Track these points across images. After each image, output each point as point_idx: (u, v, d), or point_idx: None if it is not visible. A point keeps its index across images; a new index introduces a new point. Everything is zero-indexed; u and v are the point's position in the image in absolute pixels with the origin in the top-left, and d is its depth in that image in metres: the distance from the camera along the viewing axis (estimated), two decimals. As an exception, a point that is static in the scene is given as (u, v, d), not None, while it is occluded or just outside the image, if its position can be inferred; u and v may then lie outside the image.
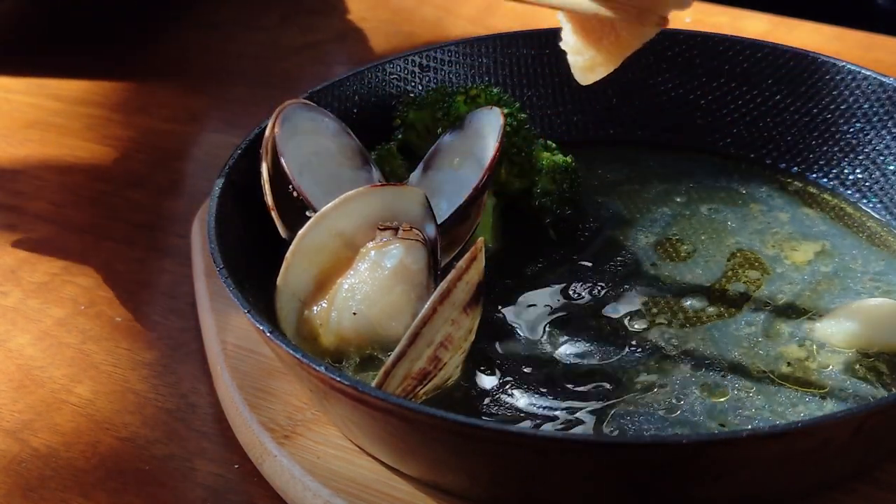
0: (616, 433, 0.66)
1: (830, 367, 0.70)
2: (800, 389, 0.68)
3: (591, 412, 0.68)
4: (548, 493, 0.61)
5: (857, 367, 0.70)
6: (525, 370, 0.71)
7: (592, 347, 0.72)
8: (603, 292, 0.77)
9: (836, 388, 0.68)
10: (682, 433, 0.66)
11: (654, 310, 0.75)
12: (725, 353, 0.71)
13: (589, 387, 0.69)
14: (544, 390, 0.69)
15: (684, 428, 0.66)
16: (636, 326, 0.73)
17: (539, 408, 0.68)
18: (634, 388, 0.69)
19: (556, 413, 0.68)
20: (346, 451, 0.67)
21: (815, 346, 0.71)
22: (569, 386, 0.69)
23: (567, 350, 0.72)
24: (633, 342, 0.72)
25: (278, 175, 0.74)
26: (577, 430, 0.66)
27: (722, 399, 0.68)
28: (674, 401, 0.68)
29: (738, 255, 0.79)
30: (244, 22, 1.21)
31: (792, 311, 0.74)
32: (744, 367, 0.70)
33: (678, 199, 0.85)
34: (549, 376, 0.70)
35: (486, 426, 0.58)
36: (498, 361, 0.71)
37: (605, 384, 0.69)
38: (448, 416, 0.58)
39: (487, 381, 0.70)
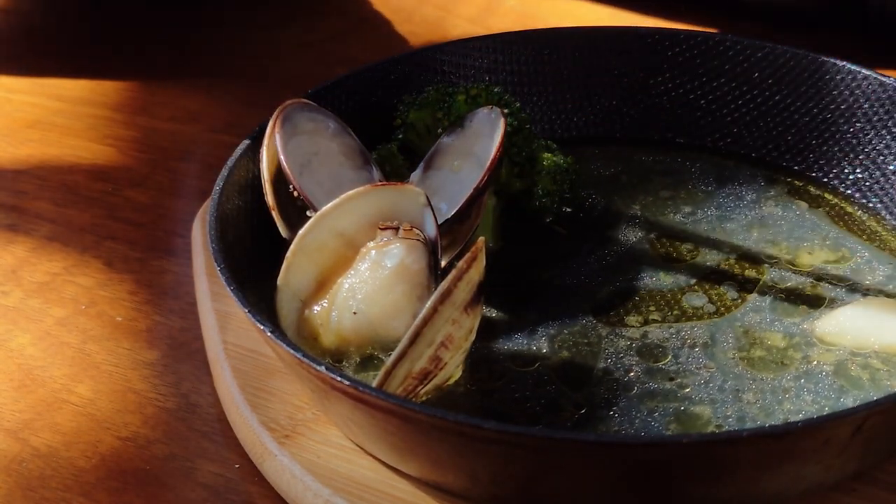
0: (615, 432, 0.66)
1: (828, 365, 0.70)
2: (797, 388, 0.68)
3: (591, 411, 0.68)
4: (548, 492, 0.61)
5: (855, 365, 0.70)
6: (525, 369, 0.71)
7: (591, 346, 0.72)
8: (602, 291, 0.77)
9: (834, 387, 0.68)
10: (682, 433, 0.66)
11: (652, 307, 0.75)
12: (722, 351, 0.71)
13: (588, 385, 0.69)
14: (544, 389, 0.69)
15: (684, 427, 0.66)
16: (636, 324, 0.73)
17: (539, 407, 0.68)
18: (633, 387, 0.69)
19: (556, 412, 0.68)
20: (346, 450, 0.67)
21: (812, 345, 0.71)
22: (568, 385, 0.69)
23: (567, 349, 0.72)
24: (633, 340, 0.72)
25: (278, 175, 0.75)
26: (577, 429, 0.66)
27: (720, 398, 0.68)
28: (673, 399, 0.68)
29: (737, 253, 0.79)
30: (244, 22, 1.21)
31: (789, 310, 0.74)
32: (741, 366, 0.70)
33: (678, 198, 0.85)
34: (549, 375, 0.70)
35: (486, 426, 0.58)
36: (498, 360, 0.71)
37: (604, 383, 0.69)
38: (449, 415, 0.58)
39: (488, 381, 0.70)
